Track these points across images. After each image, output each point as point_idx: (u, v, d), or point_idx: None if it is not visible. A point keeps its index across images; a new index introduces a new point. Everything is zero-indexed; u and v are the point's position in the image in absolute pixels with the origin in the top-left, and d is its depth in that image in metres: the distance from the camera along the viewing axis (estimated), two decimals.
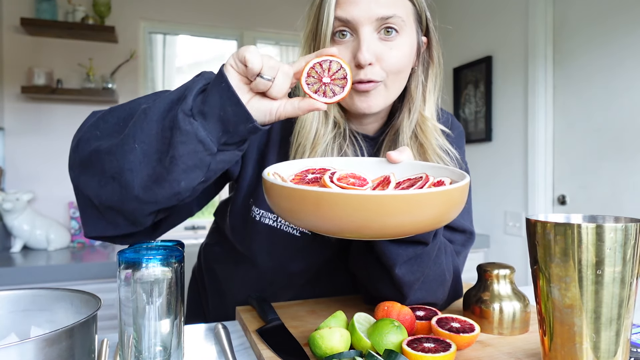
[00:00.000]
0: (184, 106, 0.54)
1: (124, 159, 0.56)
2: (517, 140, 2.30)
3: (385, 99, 0.73)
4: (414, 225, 0.50)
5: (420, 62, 0.77)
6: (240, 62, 0.54)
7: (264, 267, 0.82)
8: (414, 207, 0.48)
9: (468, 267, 1.96)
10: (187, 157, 0.55)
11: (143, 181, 0.56)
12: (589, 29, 1.97)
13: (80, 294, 0.54)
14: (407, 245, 0.66)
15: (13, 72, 2.38)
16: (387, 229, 0.49)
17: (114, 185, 0.57)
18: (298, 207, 0.50)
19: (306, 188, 0.49)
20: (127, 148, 0.56)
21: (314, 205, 0.49)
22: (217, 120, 0.55)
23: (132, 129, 0.56)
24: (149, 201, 0.58)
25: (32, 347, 0.41)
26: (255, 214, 0.78)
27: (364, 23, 0.68)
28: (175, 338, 0.56)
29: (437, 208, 0.50)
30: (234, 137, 0.56)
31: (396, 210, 0.47)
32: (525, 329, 0.70)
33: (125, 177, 0.56)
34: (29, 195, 2.24)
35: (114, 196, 0.58)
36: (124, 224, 0.62)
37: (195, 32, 2.83)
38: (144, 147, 0.56)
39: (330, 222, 0.49)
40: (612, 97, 1.88)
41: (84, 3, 2.48)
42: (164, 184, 0.57)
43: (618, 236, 0.49)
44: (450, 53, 2.69)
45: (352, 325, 0.61)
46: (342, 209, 0.47)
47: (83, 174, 0.60)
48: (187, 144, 0.54)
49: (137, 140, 0.56)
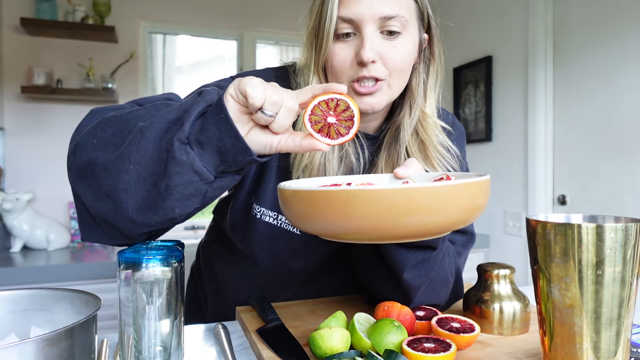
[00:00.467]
0: (180, 134, 0.52)
1: (119, 179, 0.54)
2: (517, 140, 2.30)
3: (388, 98, 0.73)
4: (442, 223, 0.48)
5: (422, 59, 0.77)
6: (241, 94, 0.52)
7: (263, 266, 0.82)
8: (443, 200, 0.46)
9: (468, 267, 1.96)
10: (182, 187, 0.53)
11: (137, 204, 0.55)
12: (589, 29, 1.97)
13: (80, 294, 0.54)
14: (415, 249, 0.66)
15: (13, 72, 2.38)
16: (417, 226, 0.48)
17: (108, 202, 0.56)
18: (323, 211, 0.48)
19: (335, 189, 0.47)
20: (122, 168, 0.54)
21: (342, 206, 0.47)
22: (214, 151, 0.53)
23: (128, 149, 0.54)
24: (143, 224, 0.57)
25: (32, 347, 0.41)
26: (256, 212, 0.78)
27: (367, 21, 0.68)
28: (175, 338, 0.56)
29: (467, 200, 0.49)
30: (232, 166, 0.55)
31: (426, 204, 0.46)
32: (525, 329, 0.70)
33: (120, 197, 0.55)
34: (29, 195, 2.24)
35: (108, 212, 0.57)
36: (118, 236, 0.60)
37: (195, 32, 2.83)
38: (139, 168, 0.54)
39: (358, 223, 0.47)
40: (612, 97, 1.87)
41: (84, 3, 2.48)
42: (158, 211, 0.55)
43: (618, 236, 0.49)
44: (451, 53, 2.68)
45: (352, 325, 0.61)
46: (373, 206, 0.46)
47: (80, 181, 0.59)
48: (182, 174, 0.52)
49: (132, 161, 0.54)
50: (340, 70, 0.71)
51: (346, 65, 0.70)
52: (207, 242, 0.97)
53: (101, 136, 0.58)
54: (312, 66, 0.74)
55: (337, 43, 0.70)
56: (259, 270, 0.83)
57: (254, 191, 0.79)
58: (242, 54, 2.89)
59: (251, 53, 2.89)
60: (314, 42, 0.73)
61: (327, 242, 0.80)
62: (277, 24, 2.84)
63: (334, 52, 0.70)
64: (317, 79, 0.74)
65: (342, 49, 0.70)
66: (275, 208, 0.78)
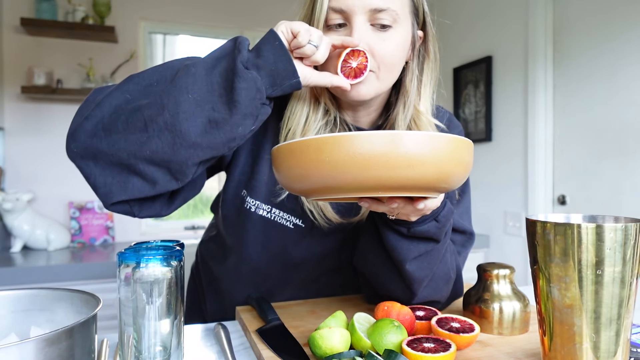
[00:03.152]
0: (241, 57, 0.60)
1: (178, 108, 0.59)
2: (517, 140, 2.30)
3: (376, 89, 0.73)
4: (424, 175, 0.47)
5: (416, 55, 0.77)
6: (291, 32, 0.63)
7: (257, 260, 0.82)
8: (427, 148, 0.46)
9: (468, 267, 1.96)
10: (247, 104, 0.60)
11: (202, 126, 0.60)
12: (589, 28, 1.97)
13: (80, 294, 0.54)
14: (418, 241, 0.67)
15: (13, 72, 2.38)
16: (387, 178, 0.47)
17: (165, 136, 0.60)
18: (301, 160, 0.49)
19: (308, 137, 0.48)
20: (181, 99, 0.59)
21: (315, 153, 0.47)
22: (268, 74, 0.61)
23: (181, 81, 0.60)
24: (207, 146, 0.61)
25: (32, 347, 0.41)
26: (250, 205, 0.78)
27: (357, 12, 0.68)
28: (175, 338, 0.56)
29: (450, 153, 0.48)
30: (277, 91, 0.63)
31: (409, 151, 0.45)
32: (525, 329, 0.70)
33: (181, 126, 0.59)
34: (29, 195, 2.24)
35: (164, 147, 0.60)
36: (163, 179, 0.63)
37: (195, 32, 2.83)
38: (196, 96, 0.60)
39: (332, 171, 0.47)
40: (612, 97, 1.88)
41: (84, 3, 2.48)
42: (225, 128, 0.61)
43: (618, 236, 0.49)
44: (450, 53, 2.69)
45: (352, 325, 0.61)
46: (342, 150, 0.46)
47: (111, 135, 0.60)
48: (249, 90, 0.59)
49: (190, 90, 0.60)
50: (329, 60, 0.71)
51: (335, 54, 0.71)
52: (205, 241, 0.97)
53: (134, 89, 0.63)
54: None
55: (328, 33, 0.71)
56: (253, 266, 0.83)
57: (245, 184, 0.79)
58: None
59: None
60: None
61: (320, 238, 0.80)
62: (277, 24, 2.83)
63: None
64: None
65: (331, 38, 0.70)
66: (269, 201, 0.78)
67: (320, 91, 0.76)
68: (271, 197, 0.78)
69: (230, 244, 0.85)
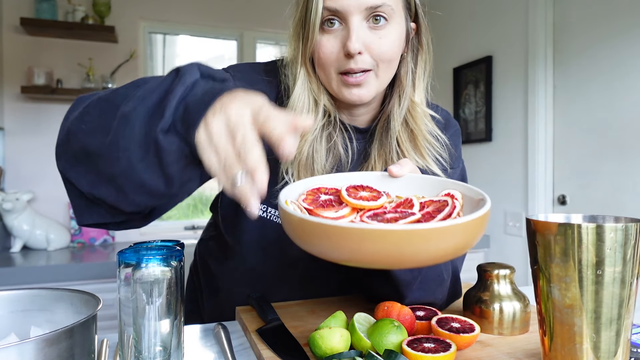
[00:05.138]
0: (162, 124, 0.49)
1: (115, 166, 0.52)
2: (517, 140, 2.30)
3: (376, 88, 0.73)
4: (451, 251, 0.48)
5: (410, 48, 0.77)
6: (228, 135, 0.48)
7: (254, 260, 0.82)
8: (455, 234, 0.46)
9: (468, 267, 1.96)
10: (180, 175, 0.51)
11: (138, 189, 0.52)
12: (589, 28, 1.97)
13: (80, 294, 0.54)
14: None
15: (13, 72, 2.38)
16: (427, 258, 0.48)
17: (109, 187, 0.54)
18: (321, 240, 0.48)
19: (348, 226, 0.46)
20: (115, 155, 0.51)
21: (357, 242, 0.46)
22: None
23: (116, 136, 0.51)
24: (147, 205, 0.56)
25: (32, 347, 0.41)
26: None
27: (353, 12, 0.68)
28: (175, 338, 0.56)
29: (476, 230, 0.48)
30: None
31: (439, 241, 0.46)
32: (525, 329, 0.70)
33: (120, 183, 0.53)
34: (29, 195, 2.24)
35: (110, 197, 0.55)
36: (120, 214, 0.59)
37: (195, 32, 2.83)
38: (129, 155, 0.51)
39: (353, 255, 0.47)
40: (612, 97, 1.88)
41: (84, 3, 2.48)
42: (162, 199, 0.55)
43: (618, 236, 0.49)
44: (450, 53, 2.68)
45: (352, 325, 0.61)
46: (387, 243, 0.45)
47: (74, 167, 0.57)
48: (178, 162, 0.50)
49: (121, 149, 0.51)
50: (327, 62, 0.71)
51: (333, 57, 0.70)
52: (203, 240, 0.97)
53: (89, 120, 0.55)
54: (299, 58, 0.74)
55: (324, 34, 0.70)
56: (251, 266, 0.83)
57: None
58: (242, 54, 2.89)
59: (251, 53, 2.89)
60: (301, 33, 0.73)
61: None
62: (277, 24, 2.83)
63: (321, 44, 0.71)
64: (304, 70, 0.75)
65: (328, 40, 0.70)
66: (265, 201, 0.78)
67: (320, 92, 0.76)
68: (267, 196, 0.78)
69: (228, 244, 0.85)
